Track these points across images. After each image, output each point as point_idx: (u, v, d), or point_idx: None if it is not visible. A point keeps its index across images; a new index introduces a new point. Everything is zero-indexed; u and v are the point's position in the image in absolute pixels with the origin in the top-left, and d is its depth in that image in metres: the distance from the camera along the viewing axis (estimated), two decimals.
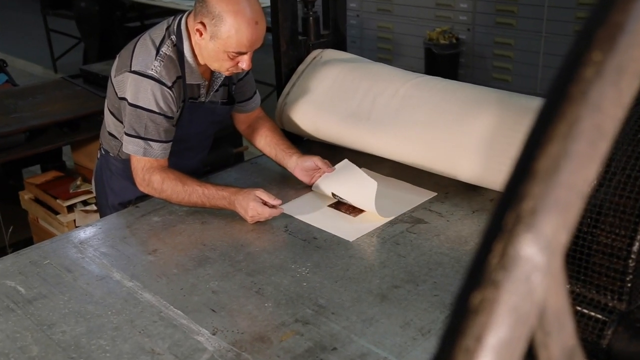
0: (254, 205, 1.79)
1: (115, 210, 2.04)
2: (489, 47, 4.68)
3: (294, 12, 2.36)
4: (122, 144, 1.94)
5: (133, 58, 1.84)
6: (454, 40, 4.75)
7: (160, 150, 1.87)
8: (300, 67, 2.38)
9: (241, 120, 2.22)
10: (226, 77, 1.99)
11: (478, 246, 0.38)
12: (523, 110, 1.84)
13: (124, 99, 1.85)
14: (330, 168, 2.00)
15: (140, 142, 1.85)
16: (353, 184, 1.94)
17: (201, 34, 1.79)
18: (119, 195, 2.09)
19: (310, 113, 2.25)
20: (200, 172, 2.25)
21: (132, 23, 5.69)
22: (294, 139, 2.25)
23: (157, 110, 1.82)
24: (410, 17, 5.04)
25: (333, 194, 1.96)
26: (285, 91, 2.35)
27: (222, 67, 1.84)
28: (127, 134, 1.86)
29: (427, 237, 1.74)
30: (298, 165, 2.04)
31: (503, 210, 0.38)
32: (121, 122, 1.94)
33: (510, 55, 4.58)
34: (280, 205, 1.83)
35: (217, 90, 2.00)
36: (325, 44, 2.49)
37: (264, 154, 2.19)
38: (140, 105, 1.82)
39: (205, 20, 1.76)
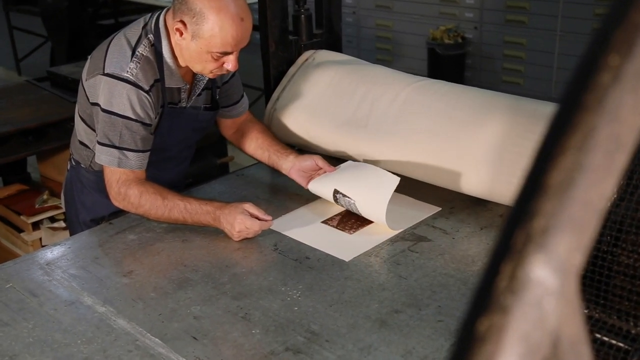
0: (241, 218, 1.79)
1: (87, 228, 2.03)
2: (498, 47, 4.70)
3: (284, 9, 2.37)
4: (94, 154, 1.94)
5: (106, 59, 1.84)
6: (460, 40, 4.77)
7: (136, 160, 1.87)
8: (291, 70, 2.39)
9: (228, 126, 2.22)
10: (209, 79, 2.00)
11: (485, 267, 0.39)
12: (536, 117, 1.85)
13: (96, 104, 1.86)
14: (333, 168, 2.00)
15: (115, 151, 1.85)
16: (363, 179, 1.94)
17: (181, 34, 1.80)
18: (91, 210, 2.09)
19: (302, 120, 2.26)
20: (181, 185, 2.25)
21: (106, 20, 5.70)
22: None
23: (133, 117, 1.82)
24: (411, 15, 5.07)
25: (335, 193, 1.94)
26: (274, 96, 2.36)
27: (206, 68, 1.85)
28: (100, 143, 1.87)
29: (430, 256, 1.74)
30: (295, 165, 2.04)
31: (512, 229, 0.38)
32: (94, 130, 1.94)
33: (521, 56, 4.60)
34: (274, 220, 1.84)
35: (199, 95, 2.01)
36: (319, 44, 2.51)
37: (255, 159, 2.20)
38: (114, 111, 1.82)
39: (186, 19, 1.77)
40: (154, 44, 1.86)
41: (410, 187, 2.06)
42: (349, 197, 1.92)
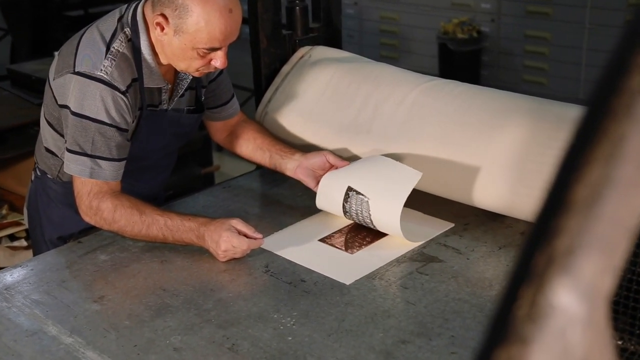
0: (227, 236, 1.79)
1: (54, 246, 2.03)
2: (518, 42, 4.71)
3: (277, 1, 2.38)
4: (63, 162, 1.94)
5: (77, 56, 1.85)
6: (475, 34, 4.79)
7: (111, 170, 1.87)
8: (285, 68, 2.40)
9: (219, 129, 2.24)
10: (193, 78, 2.01)
11: (503, 292, 0.39)
12: (561, 122, 1.86)
13: (65, 106, 1.86)
14: (346, 162, 2.02)
15: (86, 160, 1.85)
16: (380, 174, 1.95)
17: (163, 29, 1.81)
18: (58, 227, 2.09)
19: (298, 125, 2.27)
20: (161, 198, 2.26)
21: (74, 11, 5.70)
22: None
23: (107, 121, 1.83)
24: (420, 6, 5.09)
25: (349, 191, 1.95)
26: (266, 98, 2.37)
27: (191, 67, 1.86)
28: (69, 151, 1.87)
29: (442, 279, 1.74)
30: (302, 164, 2.05)
31: (532, 249, 0.38)
32: (62, 136, 1.94)
33: (545, 52, 4.62)
34: (265, 238, 1.84)
35: (182, 96, 2.02)
36: (316, 39, 2.52)
37: (254, 162, 2.21)
38: (86, 114, 1.82)
39: (167, 12, 1.78)
40: (131, 39, 1.87)
41: (419, 201, 2.06)
42: (362, 195, 1.93)
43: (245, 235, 1.81)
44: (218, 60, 1.84)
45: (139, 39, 1.87)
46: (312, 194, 2.05)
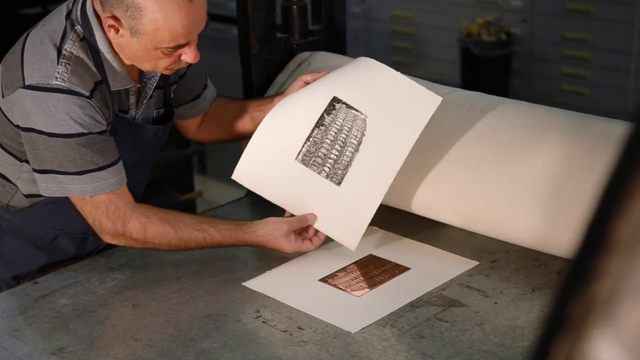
0: (290, 246, 1.98)
1: (8, 287, 2.03)
2: (555, 46, 4.72)
3: None
4: (17, 188, 1.95)
5: (25, 66, 1.84)
6: (504, 36, 4.80)
7: (113, 177, 1.89)
8: (280, 78, 2.41)
9: (191, 126, 2.28)
10: (162, 76, 2.03)
11: (535, 345, 0.39)
12: (604, 141, 1.86)
13: (29, 129, 1.85)
14: (324, 72, 2.09)
15: (84, 178, 1.87)
16: (380, 88, 1.98)
17: (117, 31, 1.81)
18: (13, 264, 2.08)
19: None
20: None
21: (30, 9, 5.73)
22: None
23: (81, 131, 1.83)
24: (439, 3, 5.10)
25: (334, 102, 1.97)
26: None
27: (159, 66, 1.88)
28: (49, 172, 1.87)
29: (465, 326, 1.74)
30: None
31: (568, 294, 0.39)
32: (16, 158, 1.95)
33: (587, 58, 4.62)
34: (256, 277, 1.86)
35: (150, 97, 2.03)
36: (316, 43, 2.53)
37: (239, 138, 2.26)
38: (56, 132, 1.82)
39: (118, 13, 1.78)
40: (85, 37, 1.86)
41: (439, 234, 2.06)
42: (357, 111, 1.94)
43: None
44: (189, 55, 1.85)
45: (93, 37, 1.86)
46: None
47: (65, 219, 2.01)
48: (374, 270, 1.97)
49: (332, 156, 1.95)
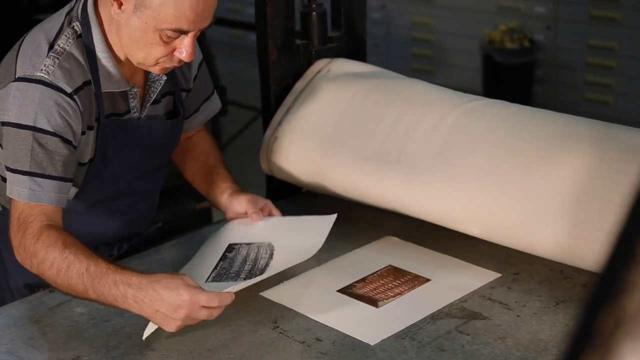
0: (189, 294, 1.67)
1: (21, 296, 2.03)
2: (579, 54, 4.71)
3: (290, 4, 2.40)
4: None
5: (18, 61, 1.85)
6: (527, 43, 4.80)
7: (54, 192, 1.82)
8: (298, 85, 2.42)
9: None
10: (170, 81, 2.01)
11: (561, 359, 0.39)
12: (631, 152, 1.86)
13: (7, 123, 1.83)
14: (258, 215, 2.10)
15: (24, 179, 1.81)
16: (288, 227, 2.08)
17: (120, 5, 1.78)
18: (24, 272, 2.09)
19: (312, 153, 2.28)
20: (148, 235, 2.24)
21: (46, 14, 5.77)
22: (288, 190, 2.26)
23: (47, 128, 1.80)
24: (460, 9, 5.10)
25: (231, 246, 2.05)
26: (275, 120, 2.38)
27: (151, 55, 1.83)
28: (9, 169, 1.84)
29: (487, 340, 1.74)
30: (229, 209, 2.14)
31: (597, 308, 0.38)
32: None
33: (612, 66, 4.61)
34: (273, 287, 1.85)
35: (157, 102, 2.02)
36: (335, 50, 2.53)
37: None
38: (22, 122, 1.80)
39: None
40: (81, 34, 1.86)
41: (460, 245, 2.06)
42: (258, 243, 2.03)
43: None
44: (183, 50, 1.81)
45: (90, 34, 1.86)
46: (332, 236, 2.05)
47: (72, 227, 1.95)
48: (393, 282, 1.97)
49: (246, 268, 1.98)
